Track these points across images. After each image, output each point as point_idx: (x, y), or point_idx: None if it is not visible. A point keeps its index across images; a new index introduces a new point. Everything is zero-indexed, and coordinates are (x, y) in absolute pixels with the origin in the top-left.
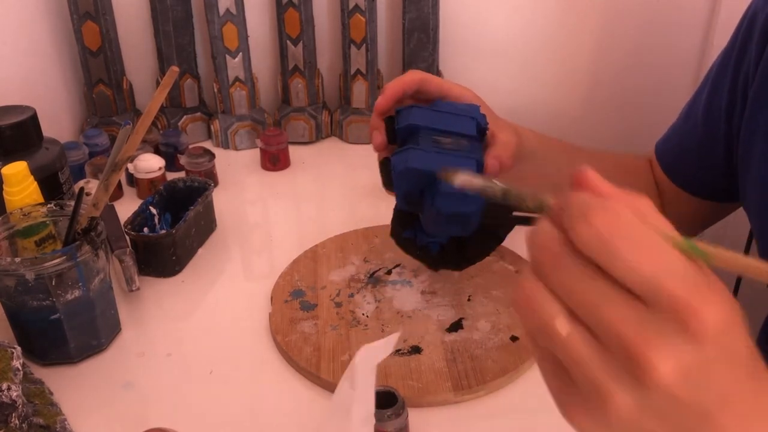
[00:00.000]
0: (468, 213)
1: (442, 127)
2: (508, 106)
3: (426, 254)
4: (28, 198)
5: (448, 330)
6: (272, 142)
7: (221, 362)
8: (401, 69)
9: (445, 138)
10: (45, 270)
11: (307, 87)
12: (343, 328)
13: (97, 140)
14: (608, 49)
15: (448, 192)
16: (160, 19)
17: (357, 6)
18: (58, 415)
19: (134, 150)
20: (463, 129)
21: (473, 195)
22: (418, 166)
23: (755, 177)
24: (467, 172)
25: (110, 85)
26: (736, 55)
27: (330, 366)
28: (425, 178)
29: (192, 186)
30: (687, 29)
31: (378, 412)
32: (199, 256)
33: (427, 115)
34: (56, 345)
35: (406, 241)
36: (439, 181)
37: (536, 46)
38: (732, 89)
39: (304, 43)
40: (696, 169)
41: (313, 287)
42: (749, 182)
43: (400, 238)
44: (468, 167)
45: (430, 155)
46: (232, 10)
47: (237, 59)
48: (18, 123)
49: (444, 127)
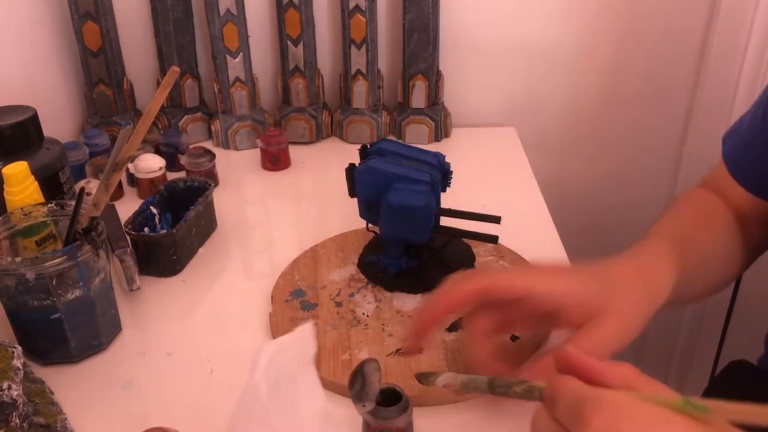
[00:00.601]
0: (414, 206)
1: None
2: (508, 106)
3: (384, 276)
4: (29, 198)
5: (448, 330)
6: (272, 142)
7: (221, 362)
8: (401, 69)
9: (407, 161)
10: (45, 270)
11: (308, 87)
12: (344, 327)
13: (98, 140)
14: (609, 49)
15: (399, 188)
16: (161, 19)
17: (357, 6)
18: (59, 414)
19: (135, 150)
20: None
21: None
22: (375, 165)
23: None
24: (449, 373)
25: (111, 85)
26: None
27: (330, 365)
28: (382, 178)
29: (192, 186)
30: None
31: (385, 410)
32: (199, 256)
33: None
34: (57, 344)
35: (367, 265)
36: (393, 182)
37: (536, 46)
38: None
39: (305, 43)
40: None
41: (313, 287)
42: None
43: (363, 262)
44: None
45: (388, 163)
46: (233, 10)
47: (237, 59)
48: (18, 123)
49: (408, 155)
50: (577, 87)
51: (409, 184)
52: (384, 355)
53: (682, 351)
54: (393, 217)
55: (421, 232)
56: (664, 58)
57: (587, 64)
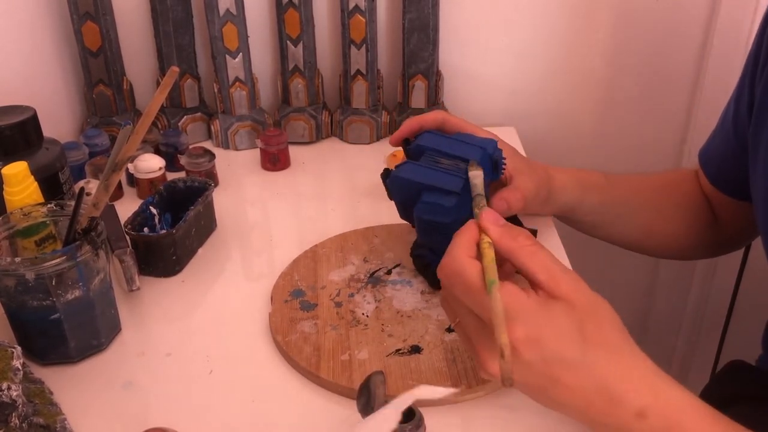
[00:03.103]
0: (441, 222)
1: (446, 150)
2: (507, 106)
3: (427, 272)
4: (29, 198)
5: (448, 330)
6: (272, 142)
7: (221, 362)
8: (401, 69)
9: (446, 159)
10: (45, 270)
11: (307, 87)
12: (343, 327)
13: (97, 140)
14: (609, 49)
15: (427, 201)
16: (160, 19)
17: (357, 6)
18: (58, 414)
19: (134, 150)
20: (466, 154)
21: (450, 207)
22: (404, 176)
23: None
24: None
25: (110, 85)
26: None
27: (330, 366)
28: (413, 187)
29: (192, 186)
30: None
31: (399, 426)
32: (199, 256)
33: (434, 141)
34: (56, 345)
35: (416, 258)
36: (423, 191)
37: (536, 47)
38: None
39: (304, 43)
40: (737, 174)
41: (313, 287)
42: (758, 173)
43: (413, 255)
44: (454, 184)
45: (420, 169)
46: (232, 10)
47: (237, 59)
48: (18, 123)
49: (448, 150)
50: (577, 87)
51: (439, 196)
52: (384, 356)
53: (682, 351)
54: (422, 229)
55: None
56: (664, 58)
57: (587, 64)
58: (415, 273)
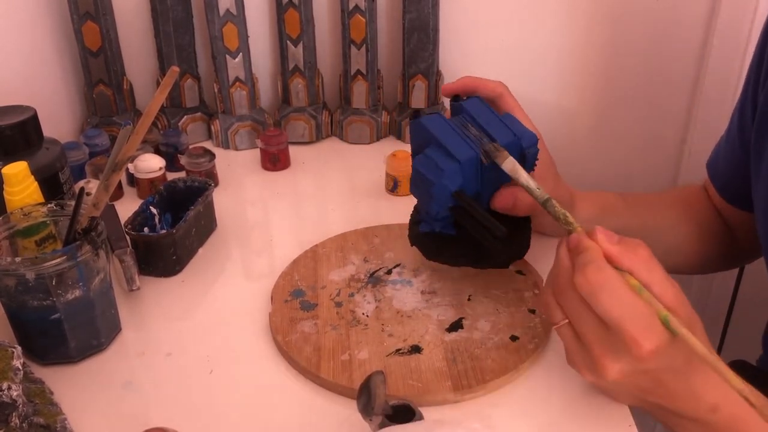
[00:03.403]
0: (428, 180)
1: (480, 122)
2: None
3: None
4: (29, 198)
5: (448, 330)
6: (272, 142)
7: (221, 362)
8: (401, 69)
9: (475, 130)
10: (45, 270)
11: (307, 87)
12: (343, 327)
13: (98, 140)
14: (609, 49)
15: (428, 155)
16: (161, 19)
17: (357, 6)
18: (59, 414)
19: (134, 150)
20: (497, 135)
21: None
22: (425, 123)
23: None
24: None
25: (110, 85)
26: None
27: (330, 366)
28: (427, 137)
29: (192, 186)
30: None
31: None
32: (199, 256)
33: (477, 108)
34: (56, 345)
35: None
36: (431, 145)
37: (536, 47)
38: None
39: (304, 43)
40: (746, 185)
41: (313, 287)
42: (760, 182)
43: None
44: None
45: (444, 125)
46: (233, 10)
47: (237, 59)
48: (18, 123)
49: (483, 123)
50: (577, 87)
51: (442, 155)
52: (384, 356)
53: None
54: (413, 179)
55: (432, 205)
56: (663, 58)
57: (587, 64)
58: (416, 273)
